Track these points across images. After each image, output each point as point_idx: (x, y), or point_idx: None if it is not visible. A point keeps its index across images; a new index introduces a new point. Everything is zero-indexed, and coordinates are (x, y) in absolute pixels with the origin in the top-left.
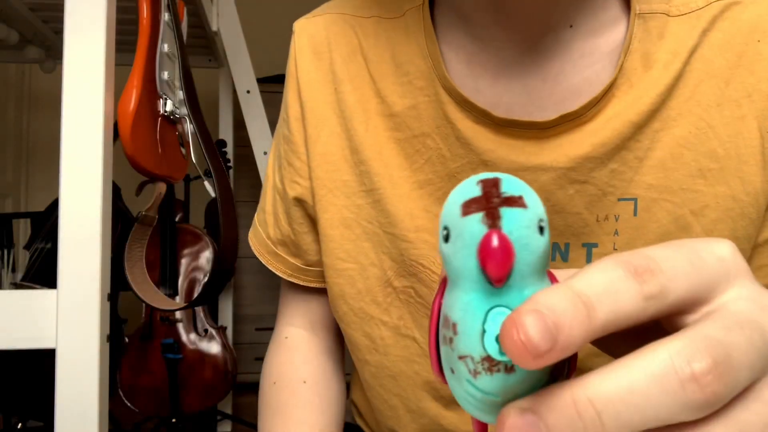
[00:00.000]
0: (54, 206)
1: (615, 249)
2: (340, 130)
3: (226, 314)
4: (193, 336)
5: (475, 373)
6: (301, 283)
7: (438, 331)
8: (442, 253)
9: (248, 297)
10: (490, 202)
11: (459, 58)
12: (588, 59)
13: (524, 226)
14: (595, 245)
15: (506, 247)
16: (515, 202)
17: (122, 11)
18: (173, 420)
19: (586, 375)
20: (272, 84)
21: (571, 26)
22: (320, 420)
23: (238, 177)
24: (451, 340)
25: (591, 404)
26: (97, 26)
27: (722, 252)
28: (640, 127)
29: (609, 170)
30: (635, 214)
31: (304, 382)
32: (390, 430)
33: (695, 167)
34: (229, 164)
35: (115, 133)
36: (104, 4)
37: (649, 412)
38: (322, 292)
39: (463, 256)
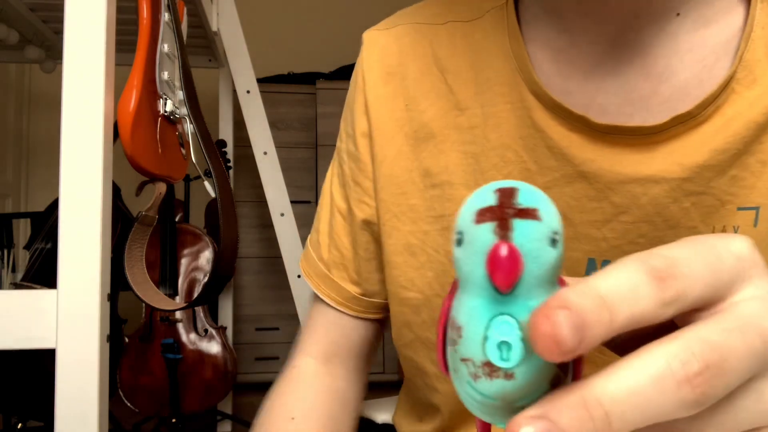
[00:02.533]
0: (54, 206)
1: None
2: (409, 151)
3: (226, 314)
4: (193, 336)
5: (476, 377)
6: (351, 313)
7: (446, 331)
8: (454, 257)
9: (248, 297)
10: (504, 213)
11: (545, 56)
12: (698, 53)
13: (535, 239)
14: None
15: (514, 259)
16: (529, 214)
17: (122, 11)
18: (173, 420)
19: (590, 377)
20: (272, 84)
21: (678, 14)
22: None
23: (238, 177)
24: (455, 342)
25: (600, 404)
26: (97, 26)
27: (740, 249)
28: (765, 128)
29: (729, 177)
30: (755, 224)
31: (293, 419)
32: None
33: None
34: (229, 164)
35: (115, 133)
36: (104, 4)
37: (649, 411)
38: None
39: (473, 263)
